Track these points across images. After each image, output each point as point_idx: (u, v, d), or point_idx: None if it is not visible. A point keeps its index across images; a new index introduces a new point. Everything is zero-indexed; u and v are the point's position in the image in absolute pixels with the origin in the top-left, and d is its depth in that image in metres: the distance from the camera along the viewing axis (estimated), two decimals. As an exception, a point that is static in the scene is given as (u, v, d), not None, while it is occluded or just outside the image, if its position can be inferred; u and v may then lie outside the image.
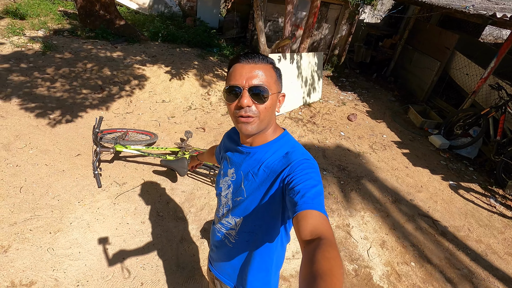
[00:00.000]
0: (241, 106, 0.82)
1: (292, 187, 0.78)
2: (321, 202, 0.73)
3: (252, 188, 0.93)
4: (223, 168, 1.07)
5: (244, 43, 7.67)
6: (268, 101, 0.84)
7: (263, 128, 0.89)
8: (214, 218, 1.18)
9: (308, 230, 0.66)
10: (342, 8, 6.90)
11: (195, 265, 2.23)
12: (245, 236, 1.00)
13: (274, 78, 0.87)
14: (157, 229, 2.45)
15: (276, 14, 7.07)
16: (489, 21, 4.33)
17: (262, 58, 0.86)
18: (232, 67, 0.87)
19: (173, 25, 7.32)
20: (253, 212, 0.94)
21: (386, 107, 5.94)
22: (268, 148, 0.93)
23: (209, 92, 4.83)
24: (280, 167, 0.87)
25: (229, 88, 0.85)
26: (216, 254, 1.17)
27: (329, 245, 0.60)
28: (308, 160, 0.86)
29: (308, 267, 0.56)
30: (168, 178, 3.01)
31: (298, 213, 0.70)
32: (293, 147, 0.92)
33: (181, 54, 5.81)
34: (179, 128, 3.89)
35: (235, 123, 0.89)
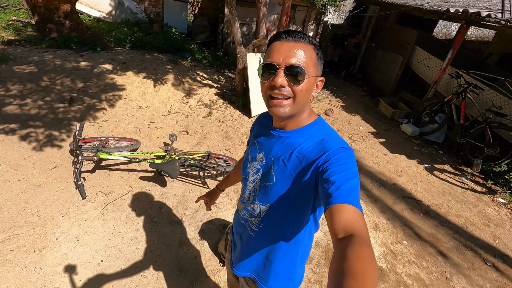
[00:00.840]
0: (275, 85, 0.79)
1: (327, 177, 0.74)
2: (356, 196, 0.70)
3: (283, 174, 0.88)
4: (250, 152, 1.03)
5: (215, 46, 7.65)
6: (303, 83, 0.79)
7: (297, 111, 0.84)
8: (238, 205, 1.14)
9: (342, 225, 0.63)
10: (309, 10, 7.17)
11: (198, 266, 2.15)
12: (270, 224, 0.96)
13: (314, 60, 0.82)
14: (153, 235, 2.33)
15: (246, 17, 7.15)
16: (444, 16, 4.75)
17: (304, 37, 0.80)
18: (271, 45, 0.83)
19: (140, 32, 7.10)
20: (282, 199, 0.89)
21: (358, 101, 6.23)
22: (302, 133, 0.89)
23: (187, 96, 4.74)
24: (315, 154, 0.82)
25: (265, 65, 0.81)
26: (239, 243, 1.11)
27: (364, 244, 0.58)
28: (346, 149, 0.80)
29: (339, 264, 0.55)
30: (157, 183, 2.89)
31: (332, 205, 0.68)
32: (329, 134, 0.87)
33: (153, 60, 5.65)
34: (161, 133, 3.76)
35: (267, 104, 0.84)
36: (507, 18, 3.67)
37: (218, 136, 3.95)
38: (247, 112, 4.60)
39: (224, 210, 2.73)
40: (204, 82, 5.30)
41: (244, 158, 1.08)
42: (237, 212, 1.14)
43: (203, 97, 4.83)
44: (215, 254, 2.28)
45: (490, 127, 4.10)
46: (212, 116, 4.41)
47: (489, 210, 3.41)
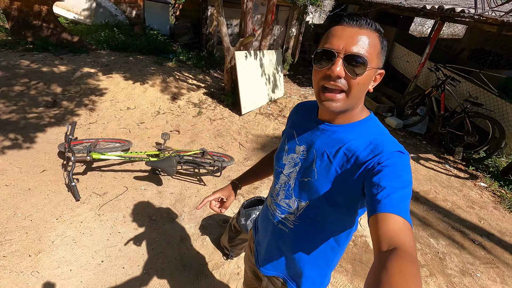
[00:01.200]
0: (331, 75, 0.70)
1: (378, 181, 0.67)
2: (407, 208, 0.63)
3: (326, 171, 0.80)
4: (287, 143, 0.94)
5: (199, 48, 7.62)
6: (363, 76, 0.70)
7: (351, 106, 0.76)
8: (267, 199, 1.06)
9: (388, 236, 0.58)
10: (291, 10, 7.29)
11: (202, 261, 2.14)
12: (307, 222, 0.88)
13: (378, 49, 0.72)
14: (153, 233, 2.29)
15: (229, 18, 7.17)
16: (421, 13, 4.98)
17: (369, 23, 0.71)
18: (330, 29, 0.73)
19: (121, 34, 6.96)
20: (323, 197, 0.81)
21: (343, 97, 6.39)
22: (352, 129, 0.80)
23: (175, 96, 4.68)
24: (366, 154, 0.74)
25: (321, 51, 0.71)
26: (266, 239, 1.03)
27: (409, 260, 0.52)
28: (402, 154, 0.72)
29: (378, 276, 0.50)
30: (153, 182, 2.84)
31: (379, 213, 0.62)
32: (382, 133, 0.79)
33: (137, 62, 5.55)
34: (151, 133, 3.70)
35: (317, 95, 0.76)
36: (479, 13, 3.91)
37: (210, 134, 3.94)
38: (237, 110, 4.61)
39: (223, 206, 2.72)
40: (191, 82, 5.26)
41: (279, 149, 0.99)
42: (265, 207, 1.06)
43: (191, 97, 4.79)
44: (218, 248, 2.27)
45: (468, 116, 4.34)
46: (203, 115, 4.38)
47: (472, 193, 3.60)
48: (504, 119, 4.24)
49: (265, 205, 1.07)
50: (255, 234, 1.16)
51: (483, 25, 4.21)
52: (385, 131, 0.80)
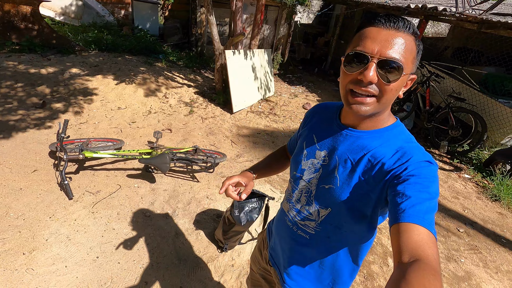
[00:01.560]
0: (362, 80, 0.66)
1: (403, 190, 0.64)
2: (432, 220, 0.61)
3: (349, 178, 0.77)
4: (306, 147, 0.90)
5: (189, 48, 7.63)
6: (398, 82, 0.67)
7: (379, 111, 0.73)
8: (283, 204, 1.02)
9: (410, 247, 0.55)
10: (280, 9, 7.38)
11: (197, 254, 2.18)
12: (329, 230, 0.85)
13: (414, 54, 0.68)
14: (148, 229, 2.31)
15: (218, 18, 7.21)
16: (405, 12, 5.13)
17: (406, 25, 0.66)
18: (364, 30, 0.69)
19: (110, 34, 6.91)
20: (345, 205, 0.79)
21: (333, 95, 6.51)
22: (377, 135, 0.76)
23: (166, 95, 4.70)
24: (393, 163, 0.71)
25: (354, 54, 0.67)
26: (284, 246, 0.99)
27: (432, 273, 0.49)
28: (430, 164, 0.69)
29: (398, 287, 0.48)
30: (146, 180, 2.86)
31: (402, 222, 0.59)
32: (409, 141, 0.76)
33: (126, 62, 5.53)
34: (143, 132, 3.71)
35: (344, 98, 0.73)
36: (460, 11, 4.07)
37: (202, 132, 3.97)
38: (228, 109, 4.66)
39: (216, 201, 2.76)
40: (182, 82, 5.28)
41: (296, 152, 0.95)
42: (282, 213, 1.01)
43: (182, 96, 4.81)
44: (212, 241, 2.31)
45: (452, 111, 4.50)
46: (194, 114, 4.41)
47: (457, 185, 3.74)
48: (485, 113, 4.41)
49: (281, 211, 1.03)
50: (269, 239, 1.13)
51: (464, 23, 4.38)
52: (413, 139, 0.77)
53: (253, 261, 1.28)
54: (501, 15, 4.17)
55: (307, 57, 8.47)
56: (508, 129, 4.18)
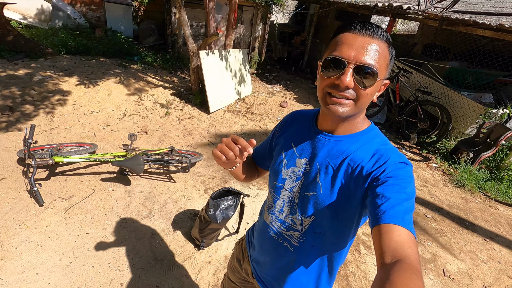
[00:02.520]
0: (339, 85, 0.68)
1: (382, 192, 0.66)
2: (411, 220, 0.64)
3: (331, 183, 0.78)
4: (285, 156, 0.89)
5: (165, 49, 7.55)
6: (372, 87, 0.70)
7: (356, 113, 0.75)
8: (264, 216, 1.00)
9: (392, 248, 0.57)
10: (255, 9, 7.45)
11: (173, 254, 2.19)
12: (313, 238, 0.86)
13: (387, 60, 0.71)
14: (123, 231, 2.30)
15: (193, 19, 7.19)
16: (374, 10, 5.34)
17: (381, 33, 0.69)
18: (340, 36, 0.71)
19: (82, 37, 6.72)
20: (328, 210, 0.80)
21: (310, 93, 6.66)
22: (355, 139, 0.79)
23: (142, 98, 4.64)
24: (371, 165, 0.74)
25: (331, 59, 0.69)
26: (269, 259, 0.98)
27: (414, 273, 0.51)
28: (406, 165, 0.72)
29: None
30: (121, 183, 2.84)
31: (383, 224, 0.61)
32: (385, 144, 0.79)
33: (100, 65, 5.42)
34: (118, 135, 3.66)
35: (322, 101, 0.74)
36: (422, 9, 4.29)
37: (178, 133, 3.96)
38: (205, 109, 4.67)
39: (193, 200, 2.78)
40: (158, 83, 5.23)
41: (275, 162, 0.94)
42: (265, 225, 0.98)
43: (158, 98, 4.77)
44: (189, 240, 2.34)
45: (420, 104, 4.73)
46: (171, 115, 4.39)
47: (425, 174, 3.95)
48: (450, 105, 4.67)
49: (262, 223, 1.00)
50: (250, 249, 1.11)
51: (428, 20, 4.62)
52: (387, 142, 0.80)
53: (231, 270, 1.23)
54: (460, 13, 4.43)
55: (284, 56, 8.59)
56: (470, 119, 4.45)
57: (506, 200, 3.55)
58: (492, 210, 3.36)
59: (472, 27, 3.93)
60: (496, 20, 3.85)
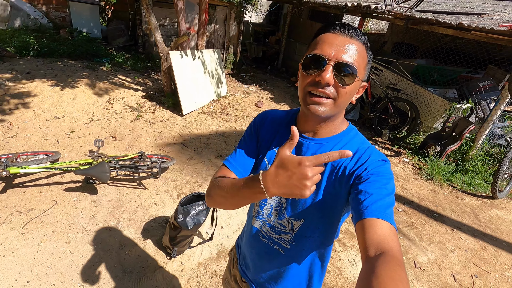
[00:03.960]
0: (320, 81, 0.70)
1: (364, 189, 0.69)
2: (392, 213, 0.66)
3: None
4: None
5: (136, 50, 7.30)
6: (351, 86, 0.71)
7: (335, 114, 0.77)
8: (252, 221, 1.00)
9: (375, 241, 0.60)
10: (228, 9, 7.37)
11: (143, 264, 2.10)
12: (303, 240, 0.88)
13: (365, 61, 0.74)
14: (88, 244, 2.17)
15: (165, 19, 7.00)
16: (344, 10, 5.44)
17: (359, 34, 0.72)
18: (321, 36, 0.73)
19: (44, 38, 6.34)
20: (316, 212, 0.82)
21: (285, 92, 6.69)
22: (336, 140, 0.81)
23: (111, 101, 4.44)
24: (352, 164, 0.76)
25: (312, 56, 0.71)
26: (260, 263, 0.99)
27: (397, 264, 0.54)
28: (385, 162, 0.76)
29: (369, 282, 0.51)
30: (86, 192, 2.68)
31: (365, 218, 0.64)
32: (364, 143, 0.82)
33: (64, 68, 5.13)
34: (84, 141, 3.47)
35: (303, 101, 0.76)
36: (389, 9, 4.41)
37: (150, 137, 3.82)
38: (178, 111, 4.55)
39: (165, 207, 2.68)
40: (128, 86, 5.04)
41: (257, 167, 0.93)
42: (253, 229, 0.99)
43: (129, 100, 4.59)
44: (160, 249, 2.25)
45: (390, 101, 4.88)
46: (141, 118, 4.23)
47: (397, 168, 4.07)
48: (418, 101, 4.85)
49: (251, 228, 1.00)
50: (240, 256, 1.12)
51: (395, 20, 4.76)
52: (366, 140, 0.84)
53: (224, 283, 1.25)
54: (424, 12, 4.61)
55: (259, 55, 8.58)
56: (437, 114, 4.65)
57: (471, 190, 3.74)
58: (459, 200, 3.52)
59: (435, 26, 4.10)
60: (456, 19, 4.04)
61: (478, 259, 2.65)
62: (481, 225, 3.12)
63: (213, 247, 2.34)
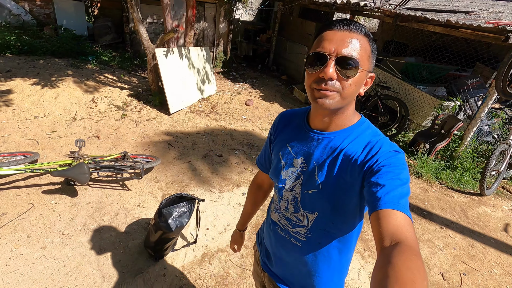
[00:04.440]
0: (323, 77, 0.71)
1: (377, 180, 0.69)
2: (407, 204, 0.66)
3: (329, 179, 0.81)
4: (282, 158, 0.93)
5: (124, 48, 7.14)
6: (355, 78, 0.72)
7: (343, 106, 0.77)
8: (271, 214, 1.03)
9: (390, 232, 0.59)
10: (217, 6, 7.27)
11: (124, 269, 2.01)
12: (319, 233, 0.89)
13: (368, 52, 0.75)
14: (65, 249, 2.08)
15: (153, 16, 6.87)
16: (333, 7, 5.40)
17: (359, 27, 0.73)
18: (322, 33, 0.75)
19: (27, 35, 6.15)
20: (330, 205, 0.83)
21: (276, 90, 6.63)
22: (347, 134, 0.81)
23: (95, 100, 4.32)
24: (364, 157, 0.76)
25: (313, 54, 0.73)
26: (279, 255, 1.02)
27: (413, 253, 0.54)
28: (398, 153, 0.75)
29: (385, 272, 0.51)
30: (66, 194, 2.58)
31: (380, 209, 0.64)
32: (377, 134, 0.81)
33: (48, 66, 4.98)
34: (65, 142, 3.35)
35: (311, 97, 0.77)
36: (378, 6, 4.39)
37: (135, 137, 3.72)
38: (165, 110, 4.45)
39: (149, 208, 2.60)
40: (114, 84, 4.91)
41: (274, 165, 0.98)
42: (272, 223, 1.02)
43: (114, 99, 4.47)
44: (143, 252, 2.16)
45: (380, 99, 4.87)
46: (127, 117, 4.12)
47: (387, 166, 4.04)
48: (407, 98, 4.85)
49: (270, 221, 1.04)
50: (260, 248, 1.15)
51: (384, 17, 4.75)
52: (379, 132, 0.83)
53: (254, 276, 1.27)
54: (413, 10, 4.61)
55: (250, 54, 8.50)
56: (426, 112, 4.65)
57: (459, 188, 3.74)
58: (448, 198, 3.52)
59: (423, 23, 4.09)
60: (444, 16, 4.03)
61: (466, 256, 2.63)
62: (469, 222, 3.12)
63: (197, 250, 2.27)
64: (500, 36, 3.36)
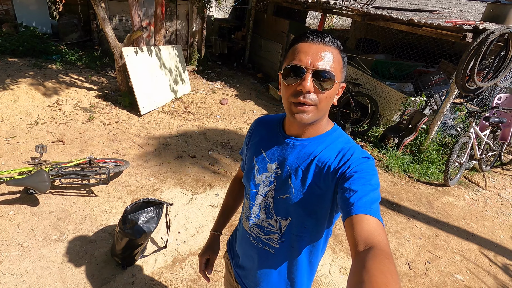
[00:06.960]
0: (301, 90, 0.73)
1: (349, 186, 0.71)
2: (378, 209, 0.69)
3: (302, 185, 0.83)
4: (256, 162, 0.93)
5: (92, 46, 6.85)
6: (331, 90, 0.75)
7: (319, 117, 0.80)
8: (243, 223, 1.02)
9: (363, 237, 0.62)
10: (190, 3, 7.13)
11: (89, 280, 1.93)
12: (292, 239, 0.90)
13: (341, 65, 0.78)
14: (24, 262, 1.96)
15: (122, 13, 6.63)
16: (305, 5, 5.46)
17: (332, 40, 0.76)
18: (296, 45, 0.76)
19: (-17, 34, 5.74)
20: (303, 211, 0.85)
21: (251, 89, 6.62)
22: (320, 141, 0.84)
23: (60, 102, 4.10)
24: (336, 163, 0.79)
25: (291, 67, 0.74)
26: (251, 264, 1.01)
27: (386, 257, 0.56)
28: (368, 159, 0.78)
29: (360, 276, 0.53)
30: (26, 204, 2.44)
31: (353, 215, 0.66)
32: (349, 142, 0.85)
33: (6, 66, 4.68)
34: (26, 147, 3.16)
35: (288, 109, 0.78)
36: (347, 5, 4.48)
37: (103, 140, 3.58)
38: (136, 111, 4.31)
39: (118, 214, 2.51)
40: (81, 85, 4.69)
41: (247, 169, 0.98)
42: (244, 232, 1.01)
43: (81, 101, 4.27)
44: (109, 261, 2.09)
45: (352, 96, 4.98)
46: (94, 120, 3.95)
47: (358, 161, 4.16)
48: (377, 95, 5.01)
49: (241, 229, 1.03)
50: (232, 257, 1.13)
51: (353, 15, 4.85)
52: (351, 140, 0.87)
53: (226, 284, 1.26)
54: (380, 8, 4.74)
55: (225, 52, 8.42)
56: (395, 107, 4.82)
57: (425, 180, 3.92)
58: (415, 190, 3.68)
59: (389, 22, 4.22)
60: (409, 15, 4.19)
61: (431, 245, 2.77)
62: (434, 212, 3.28)
63: (168, 255, 2.23)
64: (458, 34, 3.53)
